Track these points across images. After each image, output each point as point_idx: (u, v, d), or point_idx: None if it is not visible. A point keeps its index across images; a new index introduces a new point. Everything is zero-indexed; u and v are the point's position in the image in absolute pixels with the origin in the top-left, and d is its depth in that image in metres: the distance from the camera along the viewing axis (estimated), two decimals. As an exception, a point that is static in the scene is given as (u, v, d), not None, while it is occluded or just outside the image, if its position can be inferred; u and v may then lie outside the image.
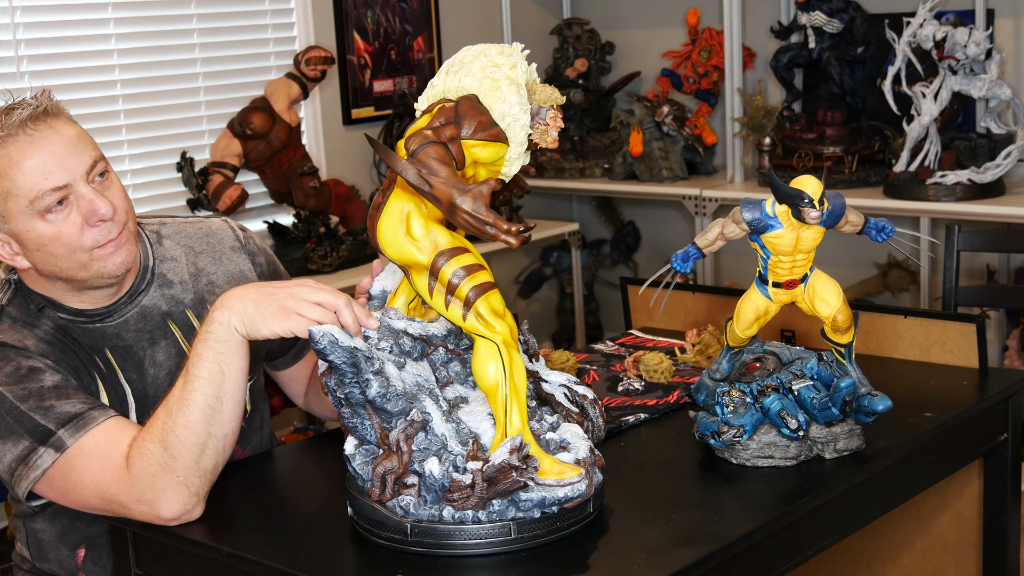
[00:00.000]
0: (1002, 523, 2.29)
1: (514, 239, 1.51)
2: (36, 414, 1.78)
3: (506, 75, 1.59)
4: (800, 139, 4.09)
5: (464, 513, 1.58)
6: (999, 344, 3.99)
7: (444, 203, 1.52)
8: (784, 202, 1.74)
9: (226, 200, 3.57)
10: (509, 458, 1.55)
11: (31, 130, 1.81)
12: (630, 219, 4.95)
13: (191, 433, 1.72)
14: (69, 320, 1.93)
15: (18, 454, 1.79)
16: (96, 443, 1.77)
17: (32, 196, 1.81)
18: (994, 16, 3.89)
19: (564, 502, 1.59)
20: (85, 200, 1.84)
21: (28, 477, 1.79)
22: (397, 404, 1.61)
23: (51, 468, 1.77)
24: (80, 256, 1.86)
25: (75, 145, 1.84)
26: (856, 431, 1.89)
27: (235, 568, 1.68)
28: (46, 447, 1.77)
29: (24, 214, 1.82)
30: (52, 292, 1.93)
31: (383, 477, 1.60)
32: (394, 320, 1.70)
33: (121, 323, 1.97)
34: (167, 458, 1.72)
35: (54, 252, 1.85)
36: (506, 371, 1.59)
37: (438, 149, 1.55)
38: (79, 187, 1.84)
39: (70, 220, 1.84)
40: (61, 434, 1.77)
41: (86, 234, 1.85)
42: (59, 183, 1.82)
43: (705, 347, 2.33)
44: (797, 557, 1.79)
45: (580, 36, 4.75)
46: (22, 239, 1.85)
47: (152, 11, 3.70)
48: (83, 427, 1.77)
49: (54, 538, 1.98)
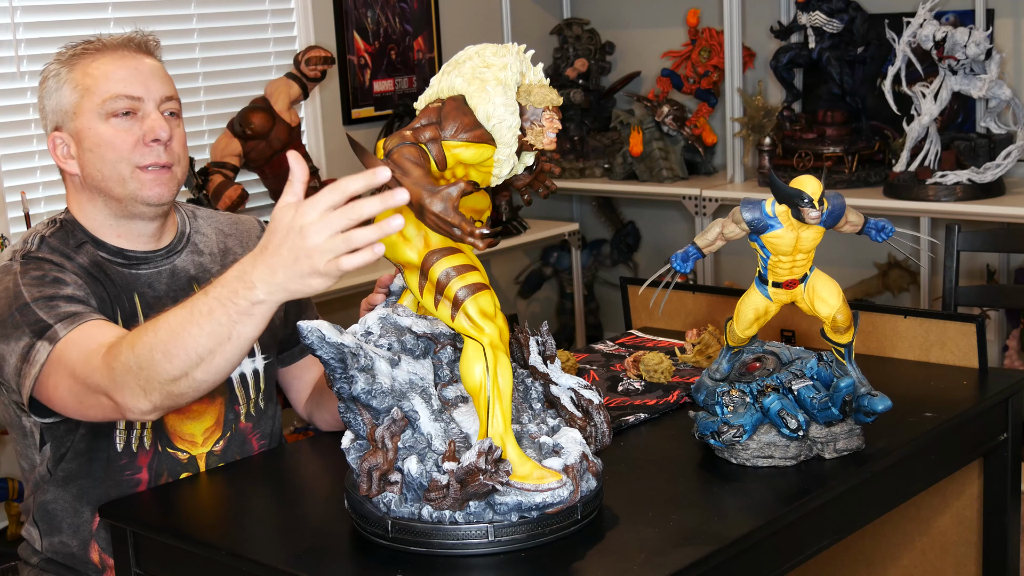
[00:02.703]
0: (1002, 523, 2.29)
1: (481, 243, 1.50)
2: (41, 310, 1.84)
3: (495, 76, 1.58)
4: (800, 139, 4.09)
5: (442, 513, 1.58)
6: (999, 344, 3.99)
7: (413, 203, 1.51)
8: (784, 202, 1.74)
9: (226, 200, 3.57)
10: (476, 461, 1.56)
11: (127, 53, 2.02)
12: (630, 219, 4.95)
13: (168, 362, 1.65)
14: (107, 259, 2.01)
15: (20, 352, 1.84)
16: (82, 334, 1.81)
17: (107, 95, 1.96)
18: (994, 16, 3.89)
19: (544, 507, 1.59)
20: (150, 119, 1.98)
21: (30, 374, 1.83)
22: (383, 401, 1.62)
23: (46, 363, 1.81)
24: (123, 169, 1.97)
25: (159, 75, 2.03)
26: (856, 431, 1.89)
27: (235, 568, 1.68)
28: (42, 340, 1.82)
29: (93, 112, 1.97)
30: (95, 221, 2.02)
31: (369, 472, 1.62)
32: (401, 317, 1.70)
33: (155, 274, 2.05)
34: (135, 365, 1.68)
35: (103, 155, 1.97)
36: (490, 373, 1.58)
37: (412, 150, 1.54)
38: (148, 106, 1.99)
39: (131, 132, 1.97)
40: (56, 327, 1.82)
41: (137, 149, 1.97)
42: (134, 93, 1.98)
43: (705, 347, 2.33)
44: (797, 557, 1.79)
45: (580, 36, 4.75)
46: (81, 136, 1.97)
47: (152, 11, 3.70)
48: (76, 322, 1.82)
49: (68, 504, 2.00)
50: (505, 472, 1.56)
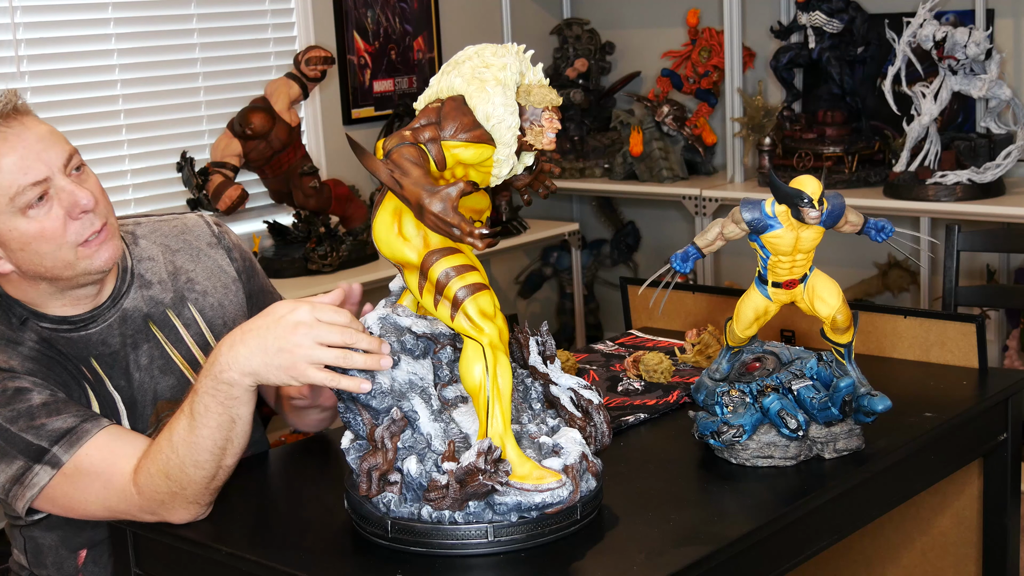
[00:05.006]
0: (1002, 523, 2.29)
1: (480, 243, 1.50)
2: (28, 434, 1.77)
3: (494, 76, 1.57)
4: (800, 139, 4.09)
5: (442, 513, 1.58)
6: (999, 344, 3.99)
7: (412, 204, 1.52)
8: (784, 202, 1.74)
9: (226, 200, 3.57)
10: (476, 461, 1.56)
11: (3, 128, 1.78)
12: (630, 219, 4.95)
13: (200, 470, 1.72)
14: (52, 330, 1.90)
15: (12, 474, 1.78)
16: (92, 461, 1.76)
17: (12, 193, 1.78)
18: (994, 16, 3.89)
19: (543, 508, 1.59)
20: (65, 192, 1.81)
21: (25, 496, 1.78)
22: (383, 401, 1.63)
23: (48, 486, 1.77)
24: (66, 254, 1.83)
25: (49, 140, 1.82)
26: (856, 431, 1.89)
27: (235, 568, 1.68)
28: (41, 464, 1.77)
29: (5, 213, 1.79)
30: (34, 298, 1.89)
31: (369, 473, 1.62)
32: (401, 317, 1.70)
33: (105, 328, 1.95)
34: (176, 488, 1.73)
35: (39, 250, 1.82)
36: (490, 373, 1.58)
37: (411, 150, 1.54)
38: (58, 180, 1.81)
39: (52, 215, 1.81)
40: (55, 451, 1.76)
41: (69, 228, 1.82)
42: (38, 177, 1.79)
43: (705, 347, 2.33)
44: (797, 557, 1.79)
45: (580, 36, 4.75)
46: (4, 239, 1.82)
47: (152, 11, 3.70)
48: (76, 442, 1.77)
49: (54, 543, 1.97)
50: (504, 472, 1.56)
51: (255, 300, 2.14)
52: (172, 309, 2.02)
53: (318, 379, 1.64)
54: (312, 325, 1.64)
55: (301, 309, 1.65)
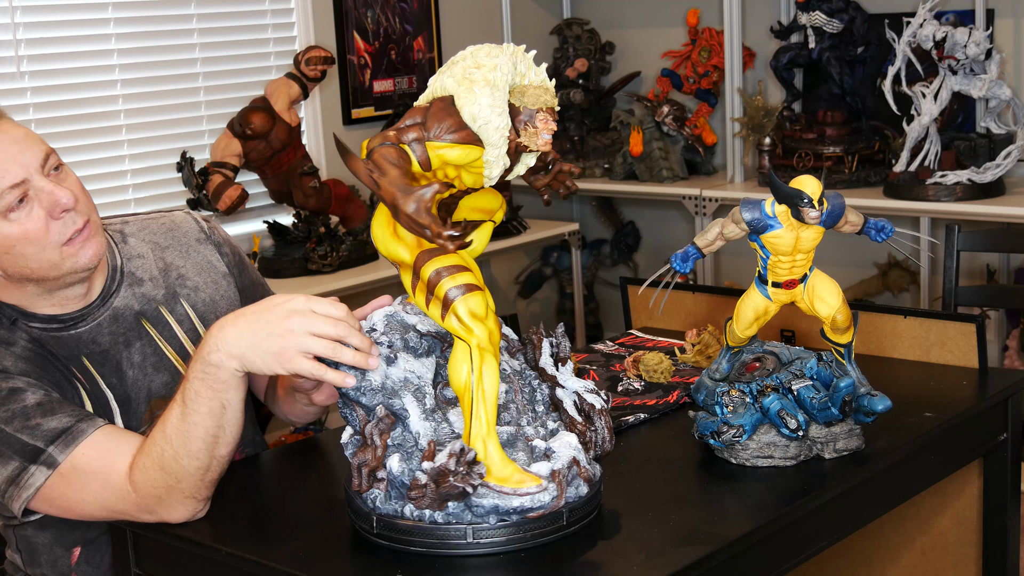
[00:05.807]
0: (1002, 523, 2.29)
1: (451, 245, 1.49)
2: (23, 434, 1.77)
3: (484, 76, 1.54)
4: (800, 139, 4.09)
5: (423, 512, 1.59)
6: (999, 344, 3.99)
7: (388, 203, 1.51)
8: (784, 202, 1.74)
9: (226, 200, 3.57)
10: (447, 462, 1.56)
11: None
12: (630, 219, 4.95)
13: (194, 460, 1.73)
14: (42, 329, 1.90)
15: (8, 475, 1.78)
16: (88, 460, 1.76)
17: None
18: (994, 16, 3.89)
19: (522, 511, 1.58)
20: (45, 192, 1.81)
21: (21, 497, 1.78)
22: (373, 399, 1.63)
23: (44, 486, 1.77)
24: (51, 254, 1.83)
25: (24, 141, 1.82)
26: (856, 431, 1.89)
27: (235, 568, 1.68)
28: (37, 465, 1.76)
29: None
30: (22, 299, 1.89)
31: (359, 468, 1.63)
32: (409, 315, 1.71)
33: (95, 327, 1.95)
34: (172, 481, 1.73)
35: (23, 252, 1.82)
36: (475, 374, 1.58)
37: (391, 151, 1.53)
38: (37, 181, 1.81)
39: (33, 216, 1.81)
40: (51, 451, 1.76)
41: (52, 228, 1.82)
42: (16, 179, 1.79)
43: (705, 347, 2.33)
44: (797, 557, 1.79)
45: (580, 36, 4.75)
46: None
47: (152, 11, 3.70)
48: (72, 442, 1.77)
49: (48, 541, 1.97)
50: (478, 475, 1.56)
51: (246, 294, 2.14)
52: (164, 305, 2.02)
53: (305, 368, 1.65)
54: (307, 314, 1.66)
55: (298, 299, 1.69)
